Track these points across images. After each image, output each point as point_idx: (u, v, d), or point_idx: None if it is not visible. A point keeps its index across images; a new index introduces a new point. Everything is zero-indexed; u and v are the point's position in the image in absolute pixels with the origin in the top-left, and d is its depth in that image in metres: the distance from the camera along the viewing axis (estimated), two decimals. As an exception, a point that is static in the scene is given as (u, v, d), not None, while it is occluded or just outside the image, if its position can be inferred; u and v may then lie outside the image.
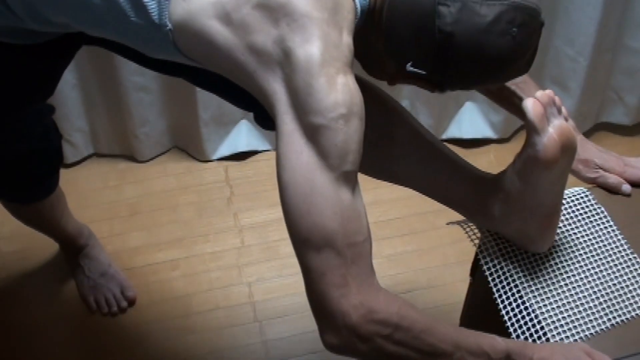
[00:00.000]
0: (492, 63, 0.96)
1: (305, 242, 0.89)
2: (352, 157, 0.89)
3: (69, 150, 2.00)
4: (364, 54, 1.00)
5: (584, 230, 1.19)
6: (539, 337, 1.05)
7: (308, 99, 0.87)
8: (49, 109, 1.41)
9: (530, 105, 0.98)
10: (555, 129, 0.99)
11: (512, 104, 1.19)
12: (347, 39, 0.91)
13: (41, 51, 1.17)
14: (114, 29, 1.00)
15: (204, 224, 1.92)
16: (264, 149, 2.09)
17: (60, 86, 1.84)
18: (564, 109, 1.02)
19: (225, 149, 2.07)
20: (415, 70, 0.97)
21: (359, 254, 0.89)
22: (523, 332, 1.06)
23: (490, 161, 2.07)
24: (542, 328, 1.06)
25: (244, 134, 2.07)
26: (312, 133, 0.88)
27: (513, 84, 1.18)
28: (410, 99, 2.03)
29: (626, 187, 1.23)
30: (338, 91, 0.87)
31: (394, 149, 1.15)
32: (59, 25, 1.05)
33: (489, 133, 2.11)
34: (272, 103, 0.91)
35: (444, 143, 1.19)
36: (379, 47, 0.99)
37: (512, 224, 1.11)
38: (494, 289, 1.11)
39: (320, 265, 0.88)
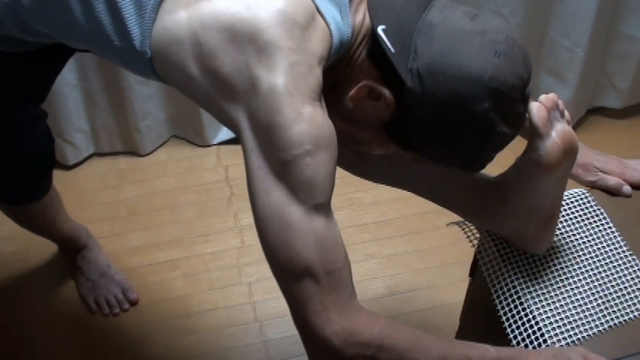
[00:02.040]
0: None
1: (283, 273, 0.90)
2: (321, 189, 0.89)
3: (70, 151, 2.01)
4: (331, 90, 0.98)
5: (583, 232, 1.19)
6: (537, 339, 1.05)
7: (272, 136, 0.86)
8: (41, 114, 1.40)
9: (535, 109, 0.98)
10: (558, 134, 1.00)
11: None
12: (316, 72, 0.89)
13: (34, 57, 1.18)
14: (98, 47, 1.00)
15: (204, 224, 1.92)
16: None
17: (61, 87, 1.85)
18: (566, 113, 1.03)
19: (224, 134, 2.09)
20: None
21: (338, 280, 0.90)
22: (520, 334, 1.06)
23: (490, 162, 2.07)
24: (539, 329, 1.06)
25: None
26: (278, 169, 0.87)
27: None
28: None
29: (627, 189, 1.22)
30: (303, 125, 0.86)
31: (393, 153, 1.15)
32: (48, 36, 1.06)
33: None
34: (240, 136, 0.91)
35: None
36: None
37: (511, 226, 1.11)
38: (492, 290, 1.11)
39: (299, 294, 0.90)
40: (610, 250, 1.16)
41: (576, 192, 1.24)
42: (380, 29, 0.93)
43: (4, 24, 1.06)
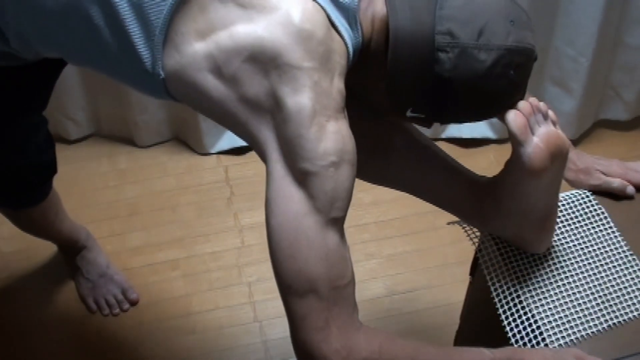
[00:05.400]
0: (488, 103, 0.98)
1: (290, 286, 0.90)
2: (340, 203, 0.90)
3: (72, 128, 2.05)
4: (362, 88, 1.01)
5: (584, 232, 1.19)
6: (535, 337, 1.05)
7: (298, 148, 0.88)
8: (43, 121, 1.41)
9: (512, 117, 0.97)
10: (540, 137, 0.98)
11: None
12: (338, 85, 0.91)
13: (33, 67, 1.18)
14: (108, 69, 1.02)
15: (204, 224, 1.92)
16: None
17: (65, 73, 1.87)
18: (551, 113, 1.01)
19: (224, 143, 2.09)
20: (415, 115, 0.99)
21: (342, 297, 0.90)
22: (519, 332, 1.07)
23: (491, 162, 2.07)
24: (538, 328, 1.06)
25: None
26: (303, 179, 0.89)
27: None
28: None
29: (630, 189, 1.22)
30: (329, 139, 0.88)
31: (390, 154, 1.15)
32: (54, 56, 1.08)
33: (488, 133, 2.10)
34: (263, 150, 0.92)
35: (440, 147, 1.18)
36: (380, 88, 0.99)
37: (507, 228, 1.10)
38: (492, 289, 1.11)
39: (302, 309, 0.90)
40: (611, 250, 1.16)
41: (577, 193, 1.24)
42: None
43: (9, 45, 1.07)
